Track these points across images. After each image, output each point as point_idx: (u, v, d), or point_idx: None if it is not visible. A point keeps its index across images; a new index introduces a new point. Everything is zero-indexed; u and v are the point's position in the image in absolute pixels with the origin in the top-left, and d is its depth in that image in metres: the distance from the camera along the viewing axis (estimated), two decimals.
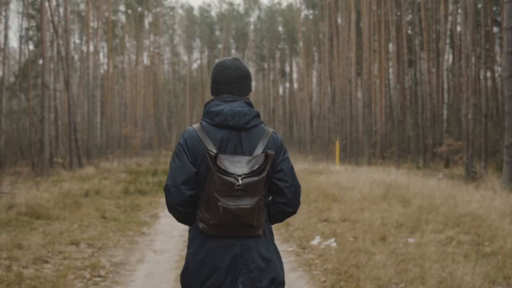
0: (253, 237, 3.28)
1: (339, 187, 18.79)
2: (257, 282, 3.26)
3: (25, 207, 14.15)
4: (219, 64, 3.53)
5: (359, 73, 50.11)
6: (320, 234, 10.82)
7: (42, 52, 28.47)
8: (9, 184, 21.88)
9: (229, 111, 3.33)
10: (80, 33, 62.95)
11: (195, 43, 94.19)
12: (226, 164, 3.19)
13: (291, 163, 3.49)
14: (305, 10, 72.99)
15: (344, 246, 9.55)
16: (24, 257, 8.87)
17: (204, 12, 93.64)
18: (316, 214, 13.69)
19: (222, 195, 3.12)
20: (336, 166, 31.16)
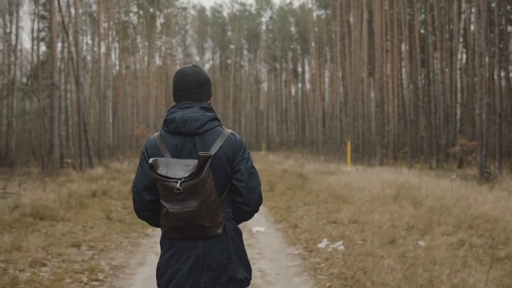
0: (213, 237, 3.39)
1: (349, 188, 18.45)
2: (217, 280, 3.38)
3: (29, 208, 13.95)
4: (179, 72, 3.64)
5: (371, 73, 49.72)
6: (328, 237, 10.50)
7: (51, 52, 28.32)
8: (18, 184, 21.76)
9: (180, 118, 3.45)
10: (92, 34, 63.00)
11: (207, 43, 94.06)
12: (171, 169, 3.31)
13: (250, 163, 3.58)
14: (317, 10, 72.54)
15: (352, 249, 9.24)
16: (22, 259, 8.64)
17: (216, 12, 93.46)
18: (325, 215, 13.37)
19: (168, 201, 3.28)
20: (348, 166, 30.79)
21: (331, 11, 61.82)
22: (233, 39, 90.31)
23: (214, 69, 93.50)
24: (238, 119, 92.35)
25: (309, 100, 78.47)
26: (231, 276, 3.41)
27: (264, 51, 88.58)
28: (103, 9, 53.53)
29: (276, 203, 16.80)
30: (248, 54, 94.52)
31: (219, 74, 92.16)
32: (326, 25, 67.50)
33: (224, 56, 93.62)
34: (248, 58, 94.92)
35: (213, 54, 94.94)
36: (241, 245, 3.59)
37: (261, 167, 33.44)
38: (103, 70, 50.66)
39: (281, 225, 12.74)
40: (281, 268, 8.53)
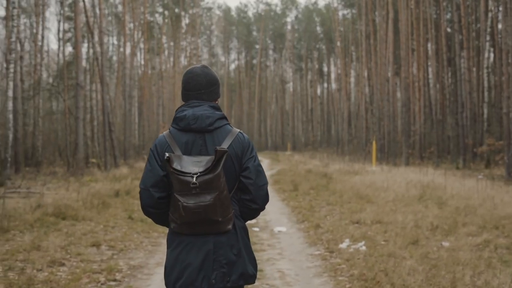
0: (224, 233, 3.45)
1: (373, 187, 18.23)
2: (227, 277, 3.44)
3: (52, 207, 13.97)
4: (189, 71, 3.71)
5: (397, 73, 49.29)
6: (350, 237, 10.33)
7: (76, 52, 28.46)
8: (42, 184, 21.88)
9: (191, 115, 3.52)
10: (118, 35, 63.33)
11: (232, 43, 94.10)
12: (186, 164, 3.38)
13: (257, 161, 3.65)
14: (342, 9, 72.20)
15: (373, 250, 9.08)
16: (41, 259, 8.61)
17: (241, 12, 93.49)
18: (348, 215, 13.20)
19: (182, 195, 3.32)
20: (373, 166, 30.54)
21: (356, 10, 61.50)
22: (258, 39, 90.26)
23: (239, 69, 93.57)
24: (264, 119, 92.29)
25: (334, 100, 78.13)
26: (242, 272, 3.49)
27: (289, 51, 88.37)
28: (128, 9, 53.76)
29: (299, 203, 16.66)
30: (274, 54, 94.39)
31: (245, 74, 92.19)
32: (352, 25, 67.14)
33: (249, 56, 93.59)
34: (274, 58, 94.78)
35: (238, 54, 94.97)
36: (248, 242, 3.64)
37: (285, 167, 33.33)
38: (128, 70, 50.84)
39: (303, 225, 12.59)
40: (301, 269, 8.40)
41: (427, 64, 47.02)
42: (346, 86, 67.66)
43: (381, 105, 45.95)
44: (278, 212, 15.19)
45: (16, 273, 7.78)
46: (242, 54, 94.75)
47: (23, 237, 10.80)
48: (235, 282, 3.46)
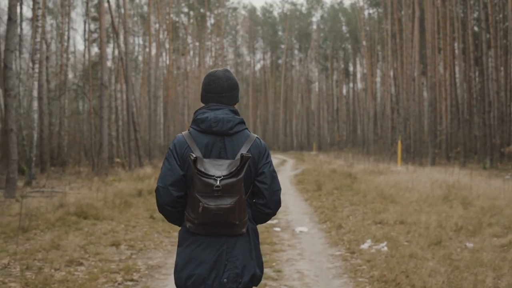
0: (237, 236, 3.49)
1: (397, 188, 18.00)
2: (240, 278, 3.47)
3: (74, 206, 14.00)
4: (211, 74, 3.74)
5: (424, 72, 48.82)
6: (372, 238, 10.17)
7: (101, 52, 28.57)
8: (67, 183, 22.00)
9: (213, 118, 3.55)
10: (144, 35, 63.57)
11: (257, 43, 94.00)
12: (208, 167, 3.41)
13: (272, 167, 3.69)
14: (368, 8, 71.77)
15: (395, 251, 8.91)
16: (59, 258, 8.58)
17: (266, 12, 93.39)
18: (371, 216, 13.02)
19: (203, 196, 3.33)
20: (398, 166, 30.25)
21: (382, 9, 61.06)
22: (283, 39, 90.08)
23: (265, 69, 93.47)
24: (289, 119, 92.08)
25: (360, 100, 77.72)
26: (253, 274, 3.53)
27: (315, 51, 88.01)
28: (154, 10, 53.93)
29: (322, 203, 16.51)
30: (299, 54, 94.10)
31: (270, 74, 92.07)
32: (378, 24, 66.68)
33: (275, 56, 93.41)
34: (299, 58, 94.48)
35: (263, 54, 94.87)
36: (258, 244, 3.70)
37: (310, 167, 33.14)
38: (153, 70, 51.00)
39: (325, 226, 12.44)
40: (321, 270, 8.26)
41: (454, 63, 46.49)
42: (372, 85, 67.25)
43: (407, 105, 45.54)
44: (301, 212, 15.06)
45: (33, 273, 7.75)
46: (267, 54, 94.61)
47: (44, 236, 10.80)
48: (246, 284, 3.50)
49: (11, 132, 16.93)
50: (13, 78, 17.60)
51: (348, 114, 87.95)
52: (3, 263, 8.25)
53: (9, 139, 16.97)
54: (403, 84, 47.31)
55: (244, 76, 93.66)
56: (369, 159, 40.72)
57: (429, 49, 39.45)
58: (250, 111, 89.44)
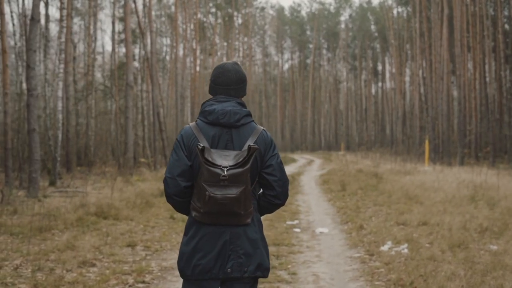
0: (242, 225, 3.56)
1: (423, 188, 17.67)
2: (245, 267, 3.55)
3: (94, 207, 13.96)
4: (220, 66, 3.82)
5: (453, 71, 48.16)
6: (393, 239, 9.91)
7: (126, 52, 28.60)
8: (92, 183, 22.04)
9: (220, 110, 3.63)
10: (171, 35, 63.70)
11: (286, 43, 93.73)
12: (215, 157, 3.48)
13: (279, 159, 3.76)
14: (396, 7, 71.05)
15: (416, 253, 8.65)
16: (72, 259, 8.48)
17: (294, 12, 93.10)
18: (394, 216, 12.73)
19: (210, 185, 3.41)
20: (425, 166, 29.83)
21: (411, 7, 60.41)
22: (312, 38, 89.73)
23: (293, 69, 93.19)
24: (317, 119, 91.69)
25: (389, 99, 77.07)
26: (260, 263, 3.60)
27: (343, 50, 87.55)
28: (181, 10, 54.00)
29: (345, 203, 16.26)
30: (327, 53, 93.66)
31: (298, 74, 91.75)
32: (407, 23, 65.96)
33: (303, 56, 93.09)
34: (327, 57, 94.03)
35: (292, 53, 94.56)
36: (263, 235, 3.75)
37: (336, 167, 32.87)
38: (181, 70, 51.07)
39: (347, 226, 12.19)
40: (337, 273, 8.03)
41: (483, 61, 45.76)
42: (400, 85, 66.59)
43: (435, 104, 44.96)
44: (323, 212, 14.84)
45: (44, 274, 7.65)
46: (295, 54, 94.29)
47: (61, 236, 10.74)
48: (252, 272, 3.57)
49: (33, 132, 16.96)
50: (36, 78, 17.63)
51: (376, 113, 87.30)
52: (15, 263, 8.17)
53: (31, 139, 16.99)
54: (431, 83, 46.72)
55: (272, 76, 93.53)
56: (396, 159, 40.29)
57: (458, 48, 38.86)
58: (278, 110, 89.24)
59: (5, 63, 22.67)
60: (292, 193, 19.80)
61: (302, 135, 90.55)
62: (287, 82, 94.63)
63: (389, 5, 69.79)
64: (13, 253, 8.92)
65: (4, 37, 22.75)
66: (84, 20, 48.69)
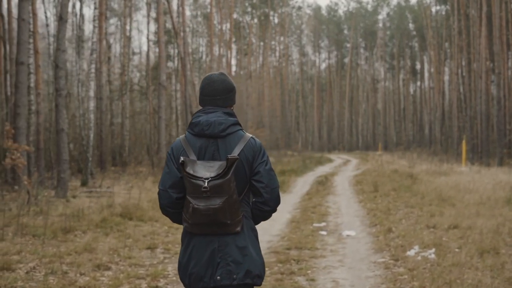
0: (231, 234, 3.60)
1: (457, 189, 17.17)
2: (234, 274, 3.58)
3: (120, 207, 13.87)
4: (206, 78, 3.87)
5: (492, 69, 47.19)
6: (420, 243, 9.53)
7: (159, 52, 28.58)
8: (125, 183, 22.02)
9: (205, 121, 3.68)
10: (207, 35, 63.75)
11: (323, 42, 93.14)
12: (198, 168, 3.55)
13: (269, 165, 3.75)
14: (435, 5, 70.00)
15: (443, 259, 8.28)
16: (88, 262, 8.33)
17: (331, 11, 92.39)
18: (425, 219, 12.32)
19: (194, 197, 3.49)
20: (462, 166, 29.19)
21: (449, 5, 59.44)
22: (349, 37, 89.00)
23: (330, 68, 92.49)
24: (355, 119, 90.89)
25: (427, 99, 76.03)
26: (248, 270, 3.61)
27: (381, 49, 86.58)
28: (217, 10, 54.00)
29: (376, 205, 15.85)
30: (365, 53, 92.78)
31: (335, 73, 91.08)
32: (445, 21, 64.95)
33: (340, 55, 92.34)
34: (365, 57, 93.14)
35: (329, 53, 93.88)
36: (256, 242, 3.76)
37: (370, 167, 32.38)
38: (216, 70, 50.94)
39: (375, 229, 11.80)
40: (359, 279, 7.69)
41: None
42: (439, 84, 65.59)
43: (474, 103, 44.11)
44: (353, 214, 14.48)
45: (57, 277, 7.50)
46: (332, 53, 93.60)
47: (83, 238, 10.63)
48: (242, 279, 3.59)
49: (62, 132, 16.93)
50: (64, 78, 17.64)
51: (415, 113, 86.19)
52: (30, 266, 8.03)
53: (60, 139, 16.97)
54: (470, 82, 45.85)
55: (309, 75, 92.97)
56: (434, 159, 39.58)
57: (497, 45, 38.03)
58: (315, 110, 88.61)
59: (37, 63, 22.83)
60: (323, 194, 19.50)
61: (339, 135, 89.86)
62: (324, 82, 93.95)
63: (427, 3, 68.79)
64: (30, 255, 8.80)
65: (36, 37, 22.90)
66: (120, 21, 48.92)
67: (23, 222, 11.52)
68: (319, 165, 39.61)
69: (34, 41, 22.74)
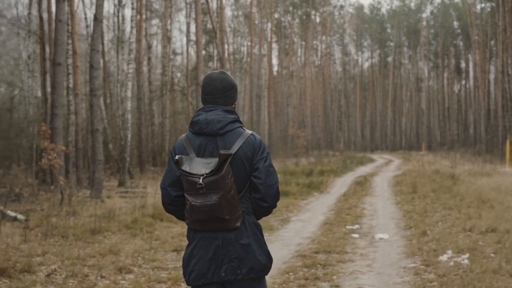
0: (233, 230, 3.63)
1: (498, 190, 16.67)
2: (238, 270, 3.61)
3: (152, 208, 13.79)
4: (207, 76, 3.92)
5: None
6: (454, 248, 9.18)
7: (197, 52, 28.55)
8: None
9: (203, 120, 3.74)
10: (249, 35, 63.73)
11: (365, 41, 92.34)
12: (195, 165, 3.60)
13: (268, 162, 3.76)
14: (480, 3, 68.72)
15: (477, 264, 7.93)
16: (111, 265, 8.21)
17: (374, 9, 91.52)
18: (462, 222, 11.92)
19: (190, 194, 3.56)
20: (505, 167, 28.47)
21: (495, 2, 58.27)
22: (392, 36, 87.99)
23: (373, 68, 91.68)
24: (398, 118, 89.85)
25: (472, 98, 74.71)
26: (252, 266, 3.64)
27: (424, 48, 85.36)
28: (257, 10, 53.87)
29: (414, 207, 15.45)
30: (408, 51, 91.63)
31: (378, 72, 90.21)
32: (490, 18, 63.72)
33: (383, 54, 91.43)
34: (408, 55, 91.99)
35: (372, 52, 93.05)
36: (260, 237, 3.76)
37: (410, 168, 31.83)
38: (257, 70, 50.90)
39: (409, 232, 11.45)
40: (386, 285, 7.39)
41: None
42: (484, 82, 64.38)
43: None
44: (388, 216, 14.12)
45: (77, 280, 7.39)
46: (375, 52, 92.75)
47: (112, 239, 10.55)
48: (246, 275, 3.62)
49: (96, 132, 16.95)
50: (99, 78, 17.66)
51: (459, 112, 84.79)
52: (51, 268, 7.95)
53: (94, 139, 17.00)
54: None
55: (352, 74, 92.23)
56: (477, 159, 38.75)
57: None
58: (358, 110, 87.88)
59: (75, 64, 22.96)
60: (360, 195, 19.15)
61: (382, 135, 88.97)
62: (367, 81, 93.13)
63: (472, 0, 67.53)
64: (54, 257, 8.73)
65: (75, 38, 23.04)
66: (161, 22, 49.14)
67: (53, 222, 11.51)
68: (360, 165, 39.13)
69: (73, 42, 22.88)
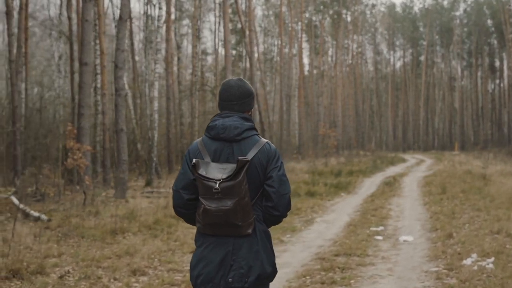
0: (243, 237, 3.65)
1: None
2: (245, 278, 3.62)
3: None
4: (225, 83, 3.95)
5: None
6: (480, 251, 8.88)
7: (225, 51, 28.47)
8: None
9: (221, 125, 3.76)
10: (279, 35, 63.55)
11: (398, 40, 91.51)
12: (211, 170, 3.62)
13: (282, 171, 3.78)
14: None
15: (502, 269, 7.65)
16: (126, 267, 8.11)
17: (406, 8, 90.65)
18: (490, 224, 11.58)
19: (206, 198, 3.58)
20: None
21: None
22: (424, 35, 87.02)
23: (405, 67, 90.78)
24: (431, 118, 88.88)
25: (506, 97, 73.58)
26: (259, 274, 3.66)
27: (458, 46, 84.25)
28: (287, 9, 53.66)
29: (441, 208, 15.11)
30: (441, 50, 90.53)
31: (410, 72, 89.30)
32: None
33: (415, 53, 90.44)
34: (441, 54, 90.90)
35: (404, 51, 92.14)
36: (269, 245, 3.80)
37: (441, 168, 31.37)
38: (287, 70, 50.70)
39: (435, 234, 11.14)
40: None
41: None
42: None
43: None
44: (415, 217, 13.82)
45: (89, 282, 7.28)
46: (407, 51, 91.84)
47: (132, 240, 10.45)
48: (252, 283, 3.63)
49: (121, 132, 16.92)
50: (124, 78, 17.60)
51: (493, 112, 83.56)
52: (65, 270, 7.86)
53: (119, 139, 16.97)
54: None
55: (384, 74, 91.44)
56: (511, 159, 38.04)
57: None
58: (389, 109, 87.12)
59: (102, 64, 23.01)
60: (388, 195, 18.85)
61: (414, 135, 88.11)
62: (399, 81, 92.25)
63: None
64: (69, 258, 8.66)
65: (102, 38, 23.09)
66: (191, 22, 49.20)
67: (74, 223, 11.46)
68: (391, 165, 38.68)
69: (100, 42, 22.93)
